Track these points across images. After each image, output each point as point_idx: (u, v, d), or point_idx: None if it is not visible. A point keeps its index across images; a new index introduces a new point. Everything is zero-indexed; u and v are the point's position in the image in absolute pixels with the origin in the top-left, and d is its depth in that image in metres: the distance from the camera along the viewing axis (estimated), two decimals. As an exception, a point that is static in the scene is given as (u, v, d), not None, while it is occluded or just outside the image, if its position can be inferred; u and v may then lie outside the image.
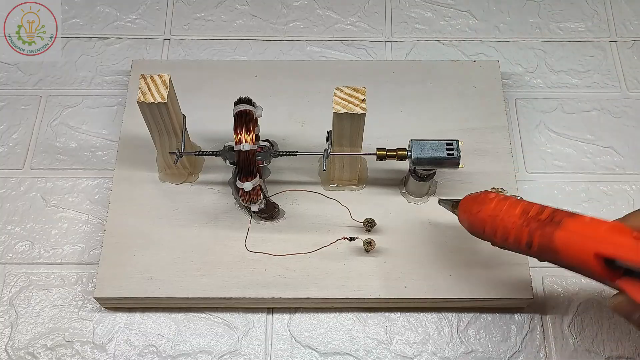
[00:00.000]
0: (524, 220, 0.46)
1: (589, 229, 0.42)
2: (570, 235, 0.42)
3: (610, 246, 0.39)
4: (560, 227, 0.43)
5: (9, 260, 0.63)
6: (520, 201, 0.48)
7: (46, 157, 0.68)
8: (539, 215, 0.45)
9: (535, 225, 0.45)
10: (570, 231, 0.42)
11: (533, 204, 0.47)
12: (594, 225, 0.42)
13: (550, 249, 0.43)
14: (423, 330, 0.59)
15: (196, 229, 0.61)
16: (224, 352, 0.58)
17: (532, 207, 0.46)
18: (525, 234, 0.45)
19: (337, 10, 0.78)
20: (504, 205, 0.48)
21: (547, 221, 0.44)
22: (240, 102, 0.55)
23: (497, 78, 0.69)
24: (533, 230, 0.45)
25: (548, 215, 0.44)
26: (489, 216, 0.49)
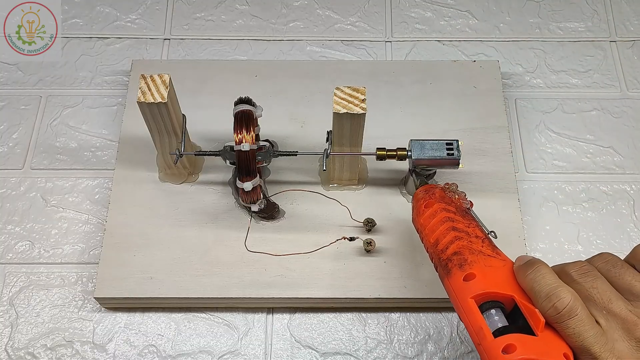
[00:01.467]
0: (433, 250, 0.47)
1: (460, 291, 0.42)
2: (448, 289, 0.43)
3: (464, 319, 0.40)
4: (447, 276, 0.43)
5: (9, 260, 0.63)
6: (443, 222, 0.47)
7: (46, 157, 0.68)
8: (442, 254, 0.45)
9: (436, 261, 0.46)
10: (449, 285, 0.43)
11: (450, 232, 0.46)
12: (465, 288, 0.41)
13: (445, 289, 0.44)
14: (423, 330, 0.59)
15: (196, 229, 0.61)
16: (224, 352, 0.58)
17: (445, 238, 0.46)
18: (433, 262, 0.47)
19: (337, 10, 0.78)
20: (428, 223, 0.48)
21: (443, 263, 0.45)
22: (240, 102, 0.55)
23: (497, 78, 0.69)
24: (435, 265, 0.46)
25: (447, 258, 0.44)
26: (417, 229, 0.51)
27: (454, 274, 0.43)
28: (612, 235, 0.64)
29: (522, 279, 0.40)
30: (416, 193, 0.53)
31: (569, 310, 0.36)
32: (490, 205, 0.61)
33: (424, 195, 0.51)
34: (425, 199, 0.50)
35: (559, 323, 0.37)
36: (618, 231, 0.64)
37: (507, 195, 0.62)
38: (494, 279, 0.41)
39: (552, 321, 0.37)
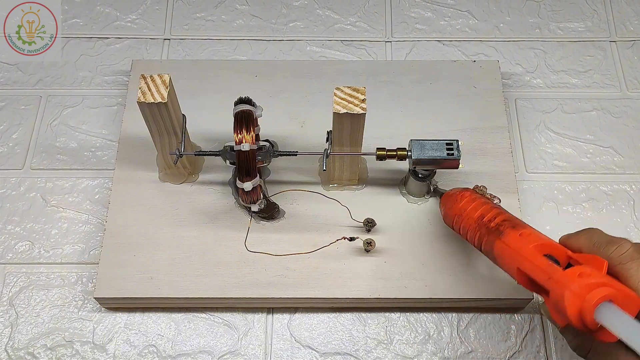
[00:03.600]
0: (478, 224, 0.50)
1: (519, 244, 0.44)
2: (504, 247, 0.45)
3: (527, 266, 0.42)
4: (500, 238, 0.46)
5: (9, 260, 0.63)
6: (483, 204, 0.51)
7: (46, 157, 0.68)
8: (490, 223, 0.48)
9: (484, 231, 0.48)
10: (505, 243, 0.45)
11: (493, 208, 0.50)
12: (525, 240, 0.44)
13: (491, 256, 0.47)
14: (423, 330, 0.59)
15: (196, 229, 0.61)
16: (224, 352, 0.58)
17: (490, 213, 0.49)
18: (477, 237, 0.49)
19: (337, 10, 0.78)
20: (469, 206, 0.52)
21: (493, 229, 0.47)
22: (240, 102, 0.55)
23: (497, 78, 0.69)
24: (482, 235, 0.49)
25: (496, 224, 0.48)
26: (456, 214, 0.53)
27: (508, 234, 0.46)
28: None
29: (576, 239, 0.43)
30: (446, 193, 0.57)
31: (631, 254, 0.39)
32: (490, 205, 0.61)
33: (456, 190, 0.55)
34: (459, 192, 0.55)
35: (622, 264, 0.39)
36: (618, 231, 0.64)
37: (507, 195, 0.62)
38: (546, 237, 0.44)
39: (614, 263, 0.39)
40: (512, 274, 0.45)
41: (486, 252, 0.49)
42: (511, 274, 0.45)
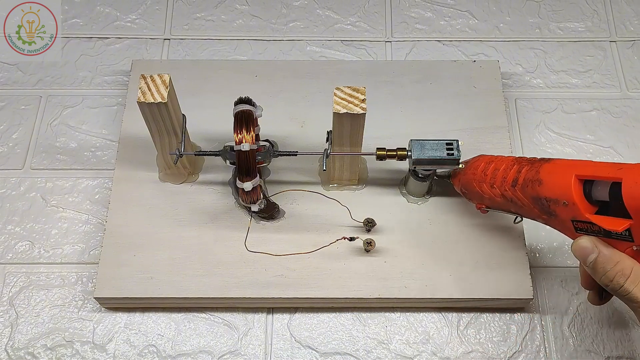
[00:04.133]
0: (517, 161, 0.51)
1: (572, 161, 0.47)
2: (555, 165, 0.47)
3: (590, 168, 0.44)
4: (548, 162, 0.48)
5: (9, 260, 0.63)
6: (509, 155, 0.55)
7: (46, 157, 0.68)
8: (532, 158, 0.50)
9: (525, 162, 0.51)
10: (556, 163, 0.47)
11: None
12: (577, 160, 0.47)
13: (535, 181, 0.48)
14: (423, 330, 0.59)
15: (196, 229, 0.61)
16: (224, 352, 0.58)
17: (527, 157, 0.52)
18: (515, 170, 0.51)
19: (337, 10, 0.78)
20: (501, 156, 0.55)
21: (537, 160, 0.49)
22: (240, 102, 0.55)
23: (497, 78, 0.69)
24: (523, 165, 0.51)
25: (541, 157, 0.50)
26: (485, 162, 0.55)
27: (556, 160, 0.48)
28: (612, 235, 0.64)
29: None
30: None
31: None
32: (490, 205, 0.61)
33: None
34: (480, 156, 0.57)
35: None
36: (618, 231, 0.64)
37: (507, 195, 0.62)
38: None
39: None
40: (563, 190, 0.45)
41: (525, 183, 0.49)
42: (563, 189, 0.45)
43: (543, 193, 0.47)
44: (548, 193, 0.46)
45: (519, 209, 0.51)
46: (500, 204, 0.53)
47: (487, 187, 0.53)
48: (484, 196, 0.54)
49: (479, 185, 0.54)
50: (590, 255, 0.44)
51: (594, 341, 0.59)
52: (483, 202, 0.55)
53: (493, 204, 0.54)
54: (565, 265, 0.62)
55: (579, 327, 0.60)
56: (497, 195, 0.52)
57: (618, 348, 0.59)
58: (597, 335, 0.59)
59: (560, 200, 0.45)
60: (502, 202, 0.52)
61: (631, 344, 0.59)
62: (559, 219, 0.47)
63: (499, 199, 0.52)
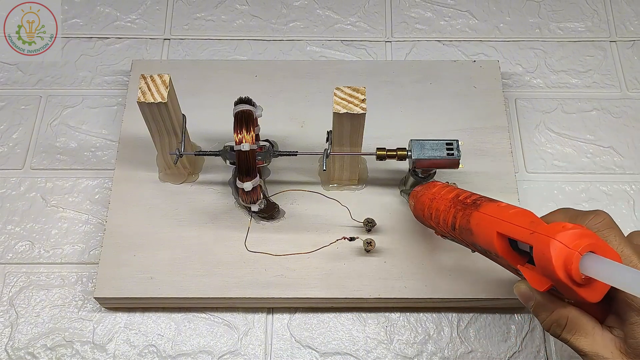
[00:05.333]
0: (453, 202, 0.49)
1: (498, 211, 0.44)
2: (482, 216, 0.45)
3: (508, 228, 0.41)
4: (478, 209, 0.45)
5: (9, 260, 0.63)
6: (457, 189, 0.52)
7: (46, 157, 0.68)
8: (466, 199, 0.48)
9: (459, 207, 0.48)
10: (483, 212, 0.45)
11: (469, 192, 0.50)
12: (503, 209, 0.44)
13: (467, 229, 0.46)
14: (423, 330, 0.59)
15: (196, 229, 0.61)
16: (224, 352, 0.58)
17: (464, 194, 0.49)
18: (452, 215, 0.49)
19: (337, 10, 0.78)
20: (443, 190, 0.52)
21: (469, 204, 0.47)
22: (240, 102, 0.55)
23: (497, 78, 0.69)
24: (457, 211, 0.48)
25: (473, 200, 0.47)
26: (428, 199, 0.53)
27: (486, 205, 0.45)
28: (612, 235, 0.64)
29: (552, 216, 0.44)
30: (416, 188, 0.56)
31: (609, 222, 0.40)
32: (490, 205, 0.61)
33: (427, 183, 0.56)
34: (431, 182, 0.56)
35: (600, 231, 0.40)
36: (618, 231, 0.64)
37: (507, 195, 0.62)
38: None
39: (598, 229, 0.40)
40: (489, 244, 0.43)
41: (461, 229, 0.47)
42: (489, 243, 0.43)
43: (476, 242, 0.46)
44: (480, 243, 0.45)
45: (467, 247, 0.50)
46: (451, 239, 0.52)
47: (434, 224, 0.52)
48: (435, 230, 0.53)
49: (427, 221, 0.53)
50: (528, 301, 0.43)
51: (594, 341, 0.59)
52: (437, 233, 0.54)
53: (446, 237, 0.53)
54: (565, 265, 0.62)
55: (579, 327, 0.60)
56: (445, 233, 0.51)
57: (618, 348, 0.59)
58: (597, 335, 0.59)
59: (491, 252, 0.44)
60: (452, 239, 0.51)
61: (631, 344, 0.59)
62: (500, 263, 0.45)
63: (448, 235, 0.51)
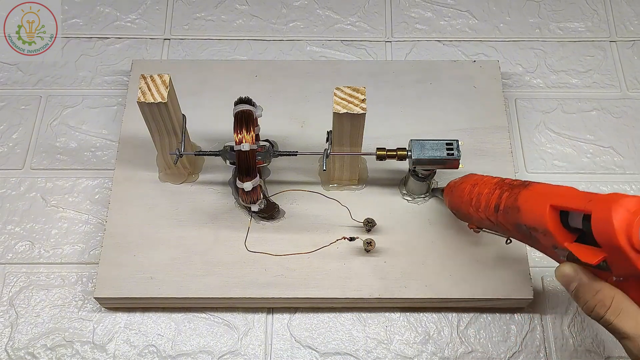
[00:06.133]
0: (499, 185, 0.50)
1: (549, 187, 0.45)
2: (532, 193, 0.45)
3: (563, 199, 0.42)
4: (526, 188, 0.46)
5: (9, 260, 0.63)
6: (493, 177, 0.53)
7: (46, 157, 0.68)
8: (513, 182, 0.49)
9: (506, 188, 0.49)
10: (533, 190, 0.45)
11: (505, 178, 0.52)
12: (553, 186, 0.45)
13: (514, 208, 0.46)
14: (423, 330, 0.59)
15: (196, 229, 0.61)
16: (224, 352, 0.58)
17: (509, 178, 0.51)
18: (497, 196, 0.49)
19: (337, 10, 0.78)
20: (485, 176, 0.54)
21: (517, 185, 0.48)
22: (240, 102, 0.55)
23: (497, 78, 0.69)
24: (503, 192, 0.49)
25: (521, 182, 0.48)
26: (470, 185, 0.53)
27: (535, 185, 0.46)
28: (612, 235, 0.64)
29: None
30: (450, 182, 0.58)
31: None
32: (490, 205, 0.61)
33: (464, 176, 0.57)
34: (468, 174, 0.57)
35: None
36: (618, 231, 0.64)
37: (507, 195, 0.62)
38: None
39: None
40: (539, 219, 0.43)
41: (506, 209, 0.47)
42: (538, 218, 0.43)
43: (522, 220, 0.46)
44: (526, 221, 0.45)
45: (505, 232, 0.50)
46: (488, 226, 0.52)
47: (474, 210, 0.52)
48: (472, 218, 0.53)
49: (466, 208, 0.53)
50: (571, 283, 0.43)
51: (594, 341, 0.59)
52: (473, 223, 0.54)
53: (482, 226, 0.53)
54: (565, 265, 0.62)
55: (579, 327, 0.60)
56: (484, 219, 0.51)
57: (618, 348, 0.59)
58: (597, 335, 0.59)
59: (539, 229, 0.44)
60: (490, 225, 0.52)
61: (631, 344, 0.59)
62: (542, 245, 0.45)
63: (486, 222, 0.51)
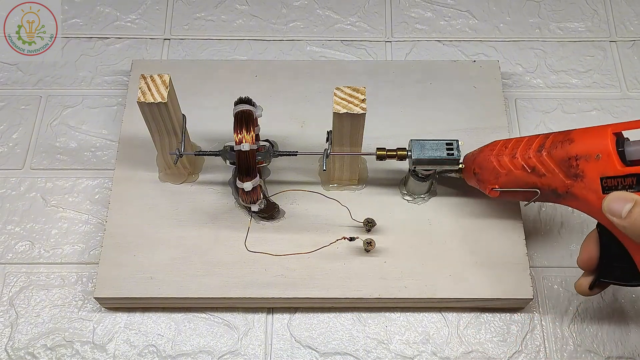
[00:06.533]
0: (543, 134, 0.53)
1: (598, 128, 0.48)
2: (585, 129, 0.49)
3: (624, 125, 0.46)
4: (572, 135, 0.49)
5: (9, 260, 0.63)
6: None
7: (46, 157, 0.68)
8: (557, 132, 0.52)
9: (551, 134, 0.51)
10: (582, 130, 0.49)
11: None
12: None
13: (565, 140, 0.49)
14: (423, 330, 0.59)
15: (196, 229, 0.61)
16: (224, 352, 0.58)
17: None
18: (542, 137, 0.52)
19: (337, 10, 0.78)
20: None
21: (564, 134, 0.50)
22: (240, 102, 0.55)
23: (497, 78, 0.69)
24: (550, 134, 0.51)
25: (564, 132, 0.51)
26: (504, 140, 0.56)
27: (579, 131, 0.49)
28: (612, 235, 0.64)
29: None
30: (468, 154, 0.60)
31: None
32: (490, 205, 0.61)
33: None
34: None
35: None
36: (618, 231, 0.64)
37: (507, 195, 0.62)
38: None
39: None
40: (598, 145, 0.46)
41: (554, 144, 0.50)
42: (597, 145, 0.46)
43: (574, 151, 0.48)
44: (579, 149, 0.48)
45: (539, 179, 0.51)
46: (517, 178, 0.53)
47: (508, 158, 0.53)
48: (500, 172, 0.54)
49: (497, 160, 0.54)
50: (626, 204, 0.43)
51: (594, 341, 0.59)
52: (497, 181, 0.55)
53: (509, 180, 0.54)
54: (565, 265, 0.62)
55: (579, 327, 0.60)
56: (517, 167, 0.52)
57: (618, 348, 0.59)
58: (597, 335, 0.59)
59: (593, 154, 0.46)
60: (521, 176, 0.53)
61: (631, 344, 0.59)
62: (585, 180, 0.47)
63: (519, 170, 0.52)
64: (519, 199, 0.57)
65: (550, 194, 0.51)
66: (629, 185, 0.44)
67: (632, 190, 0.44)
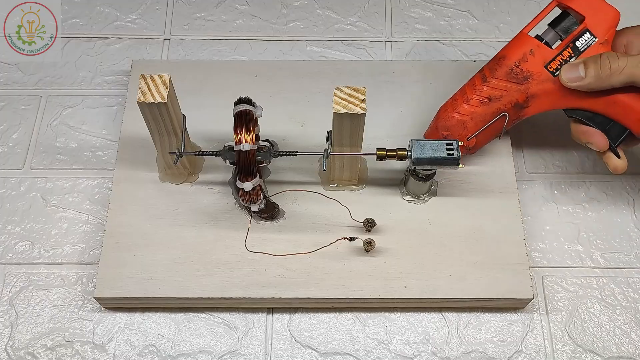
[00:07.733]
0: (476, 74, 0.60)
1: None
2: (507, 43, 0.58)
3: (532, 22, 0.57)
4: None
5: (9, 260, 0.63)
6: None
7: (46, 157, 0.68)
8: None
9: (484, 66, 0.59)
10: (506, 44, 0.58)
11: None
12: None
13: (498, 58, 0.57)
14: (423, 330, 0.59)
15: (196, 229, 0.61)
16: (224, 352, 0.58)
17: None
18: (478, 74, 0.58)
19: (337, 10, 0.78)
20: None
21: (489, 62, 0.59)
22: (240, 102, 0.55)
23: (497, 78, 0.69)
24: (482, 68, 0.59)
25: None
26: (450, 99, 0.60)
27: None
28: (612, 235, 0.64)
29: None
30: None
31: None
32: (490, 205, 0.61)
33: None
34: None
35: None
36: (618, 231, 0.64)
37: (507, 195, 0.62)
38: None
39: None
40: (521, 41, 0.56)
41: (491, 67, 0.57)
42: (520, 40, 0.56)
43: (510, 61, 0.56)
44: (514, 57, 0.56)
45: (500, 103, 0.56)
46: (482, 114, 0.57)
47: (465, 105, 0.57)
48: (465, 120, 0.57)
49: (457, 113, 0.58)
50: (579, 67, 0.52)
51: (594, 341, 0.59)
52: (467, 130, 0.58)
53: (476, 122, 0.57)
54: (565, 265, 0.62)
55: (579, 327, 0.60)
56: (477, 104, 0.57)
57: (618, 348, 0.59)
58: (597, 335, 0.59)
59: (527, 53, 0.55)
60: (484, 111, 0.57)
61: (631, 344, 0.59)
62: (535, 75, 0.55)
63: (480, 107, 0.57)
64: (493, 135, 0.60)
65: (517, 110, 0.56)
66: (568, 57, 0.54)
67: (574, 59, 0.54)
